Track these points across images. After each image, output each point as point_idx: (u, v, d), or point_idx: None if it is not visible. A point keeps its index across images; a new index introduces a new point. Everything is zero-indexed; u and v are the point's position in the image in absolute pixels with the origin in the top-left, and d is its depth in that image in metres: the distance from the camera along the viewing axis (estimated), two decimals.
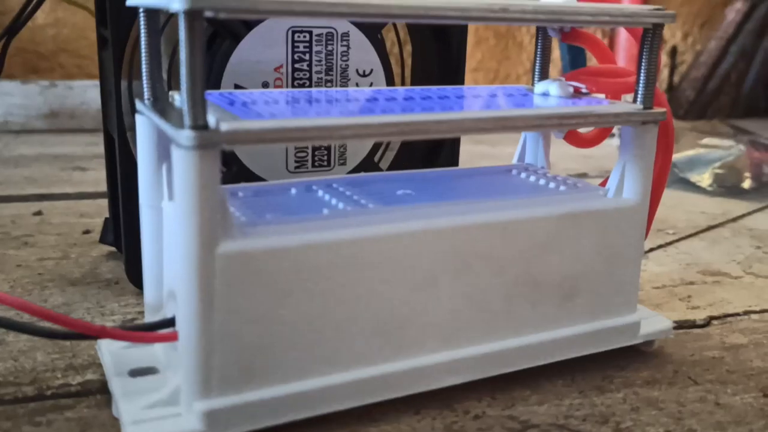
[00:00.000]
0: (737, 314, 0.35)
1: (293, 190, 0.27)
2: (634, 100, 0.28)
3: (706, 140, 0.67)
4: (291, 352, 0.23)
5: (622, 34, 0.99)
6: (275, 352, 0.23)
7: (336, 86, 0.37)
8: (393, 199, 0.27)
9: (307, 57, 0.36)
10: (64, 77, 0.86)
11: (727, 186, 0.60)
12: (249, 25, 0.35)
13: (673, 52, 1.10)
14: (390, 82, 0.38)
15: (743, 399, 0.27)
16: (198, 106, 0.20)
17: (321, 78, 0.36)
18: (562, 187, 0.29)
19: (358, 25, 0.37)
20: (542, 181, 0.30)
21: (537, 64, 0.33)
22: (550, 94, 0.29)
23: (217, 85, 0.34)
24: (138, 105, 0.26)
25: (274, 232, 0.23)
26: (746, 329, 0.33)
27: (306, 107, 0.24)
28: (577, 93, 0.30)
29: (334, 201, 0.26)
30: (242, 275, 0.22)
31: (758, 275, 0.41)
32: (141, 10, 0.24)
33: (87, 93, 0.83)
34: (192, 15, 0.19)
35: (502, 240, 0.26)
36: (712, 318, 0.35)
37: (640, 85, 0.27)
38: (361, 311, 0.24)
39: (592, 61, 0.33)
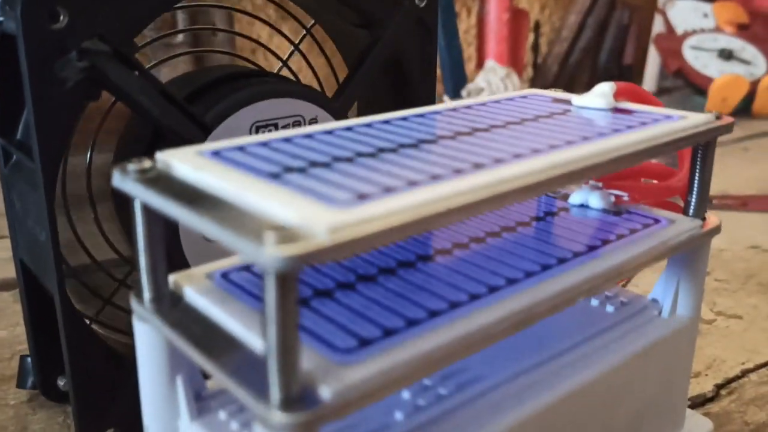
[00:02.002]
0: (737, 377, 0.35)
1: None
2: (686, 212, 0.25)
3: None
4: None
5: (492, 15, 0.98)
6: None
7: None
8: (452, 373, 0.22)
9: None
10: None
11: None
12: (204, 128, 0.28)
13: (536, 27, 1.11)
14: None
15: None
16: (290, 372, 0.15)
17: None
18: (609, 307, 0.26)
19: (325, 108, 0.32)
20: None
21: None
22: (590, 206, 0.26)
23: None
24: (136, 307, 0.19)
25: None
26: (757, 399, 0.33)
27: (392, 301, 0.19)
28: (618, 202, 0.27)
29: None
30: None
31: (727, 315, 0.41)
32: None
33: None
34: (285, 279, 0.14)
35: (585, 400, 0.23)
36: (718, 387, 0.34)
37: (694, 196, 0.25)
38: None
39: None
